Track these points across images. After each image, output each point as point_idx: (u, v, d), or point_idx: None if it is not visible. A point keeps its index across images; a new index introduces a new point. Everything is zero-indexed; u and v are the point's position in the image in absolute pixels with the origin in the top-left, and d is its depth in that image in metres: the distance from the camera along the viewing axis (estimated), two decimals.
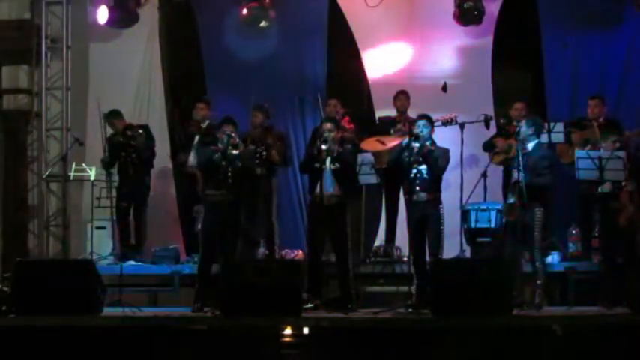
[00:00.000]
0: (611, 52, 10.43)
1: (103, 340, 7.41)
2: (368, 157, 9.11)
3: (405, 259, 9.12)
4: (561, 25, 10.53)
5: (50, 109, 11.02)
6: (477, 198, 9.32)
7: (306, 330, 7.41)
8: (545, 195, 8.39)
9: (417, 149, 8.32)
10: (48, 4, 11.01)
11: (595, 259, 9.06)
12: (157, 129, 10.58)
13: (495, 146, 9.60)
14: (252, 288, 7.59)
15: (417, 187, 8.35)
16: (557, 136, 9.35)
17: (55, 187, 10.88)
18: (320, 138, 8.60)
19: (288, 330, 7.41)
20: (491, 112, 10.05)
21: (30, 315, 7.68)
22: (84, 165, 10.11)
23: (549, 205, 8.53)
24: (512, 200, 8.33)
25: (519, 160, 8.19)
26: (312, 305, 8.32)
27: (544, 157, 8.40)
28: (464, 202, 9.25)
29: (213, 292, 8.16)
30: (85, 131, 10.79)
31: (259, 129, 9.63)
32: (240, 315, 7.59)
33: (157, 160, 10.30)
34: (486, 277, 7.51)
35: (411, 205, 8.45)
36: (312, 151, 8.83)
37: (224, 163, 8.45)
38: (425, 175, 8.35)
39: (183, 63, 11.38)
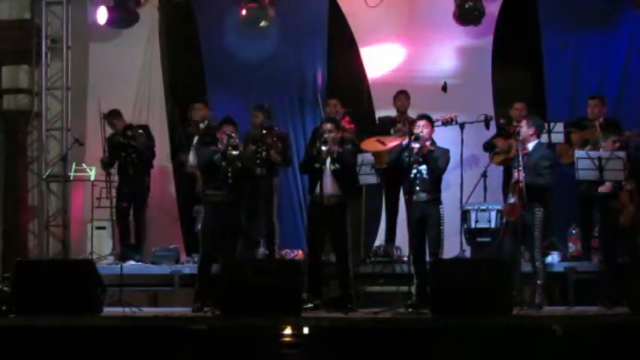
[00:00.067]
0: (611, 52, 10.43)
1: (103, 340, 7.41)
2: (368, 157, 9.11)
3: (405, 259, 9.11)
4: (561, 25, 10.53)
5: (50, 109, 11.01)
6: (477, 198, 9.33)
7: (306, 330, 7.40)
8: (546, 195, 8.39)
9: (417, 149, 8.32)
10: (48, 4, 10.99)
11: (595, 259, 9.06)
12: (157, 129, 10.59)
13: (495, 146, 9.60)
14: (252, 288, 7.58)
15: (417, 187, 8.34)
16: (557, 136, 9.36)
17: (55, 187, 10.87)
18: (320, 139, 8.59)
19: (288, 330, 7.40)
20: (491, 112, 10.06)
21: (30, 315, 7.67)
22: (84, 165, 10.12)
23: (549, 205, 8.52)
24: (512, 200, 8.33)
25: (519, 160, 8.19)
26: (312, 305, 8.32)
27: (544, 157, 8.40)
28: (464, 202, 9.27)
29: (213, 292, 8.16)
30: (85, 131, 10.79)
31: (259, 129, 9.63)
32: (240, 315, 7.58)
33: (157, 160, 10.31)
34: (486, 277, 7.50)
35: (411, 205, 8.44)
36: (312, 152, 8.82)
37: (224, 163, 8.45)
38: (425, 175, 8.35)
39: (183, 63, 11.38)
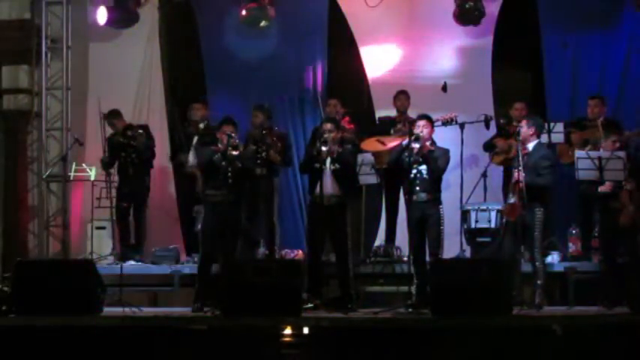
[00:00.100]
0: (611, 52, 10.43)
1: (103, 340, 7.40)
2: (368, 157, 9.11)
3: (405, 259, 9.11)
4: (561, 25, 10.53)
5: (50, 109, 11.01)
6: (477, 198, 9.33)
7: (306, 330, 7.40)
8: (546, 195, 8.39)
9: (417, 149, 8.32)
10: (48, 4, 10.99)
11: (595, 259, 9.06)
12: (157, 129, 10.59)
13: (495, 146, 9.60)
14: (252, 288, 7.58)
15: (417, 187, 8.34)
16: (557, 136, 9.36)
17: (55, 187, 10.86)
18: (320, 139, 8.58)
19: (288, 330, 7.40)
20: (491, 112, 10.05)
21: (30, 315, 7.67)
22: (84, 165, 10.11)
23: (549, 205, 8.52)
24: (512, 200, 8.33)
25: (519, 160, 8.19)
26: (312, 305, 8.32)
27: (544, 157, 8.40)
28: (464, 202, 9.27)
29: (213, 292, 8.16)
30: (85, 131, 10.79)
31: (260, 129, 9.63)
32: (240, 315, 7.58)
33: (157, 160, 10.31)
34: (486, 277, 7.49)
35: (411, 205, 8.44)
36: (312, 152, 8.81)
37: (224, 163, 8.45)
38: (425, 175, 8.34)
39: (183, 63, 11.38)
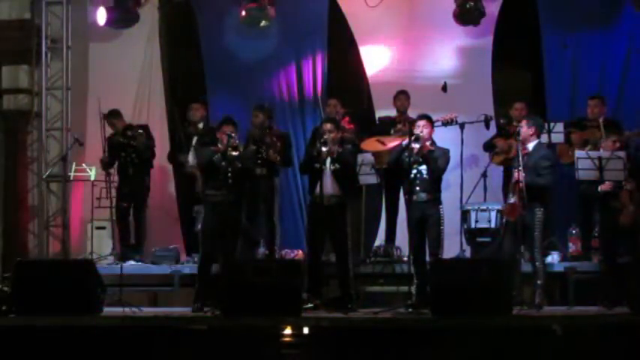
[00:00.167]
0: (611, 52, 10.43)
1: (103, 340, 7.40)
2: (368, 157, 9.11)
3: (405, 259, 9.11)
4: (561, 25, 10.53)
5: (50, 109, 11.01)
6: (477, 198, 9.33)
7: (306, 330, 7.40)
8: (546, 195, 8.39)
9: (417, 149, 8.32)
10: (48, 4, 10.99)
11: (595, 259, 9.06)
12: (157, 129, 10.59)
13: (495, 146, 9.60)
14: (252, 288, 7.58)
15: (417, 187, 8.34)
16: (557, 136, 9.35)
17: (55, 187, 10.86)
18: (320, 139, 8.58)
19: (288, 330, 7.40)
20: (491, 112, 10.05)
21: (30, 315, 7.67)
22: (84, 165, 10.11)
23: (549, 205, 8.52)
24: (512, 200, 8.33)
25: (519, 160, 8.19)
26: (312, 305, 8.31)
27: (544, 157, 8.40)
28: (464, 202, 9.26)
29: (213, 292, 8.15)
30: (85, 131, 10.78)
31: (260, 129, 9.63)
32: (240, 315, 7.58)
33: (157, 160, 10.30)
34: (486, 277, 7.49)
35: (411, 205, 8.44)
36: (312, 152, 8.81)
37: (224, 163, 8.45)
38: (425, 175, 8.34)
39: (183, 63, 11.39)
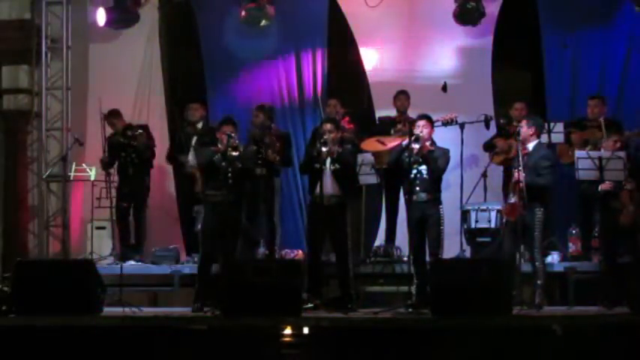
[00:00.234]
0: (611, 51, 10.43)
1: (103, 340, 7.40)
2: (368, 157, 9.11)
3: (405, 259, 9.11)
4: (561, 25, 10.53)
5: (50, 109, 11.00)
6: (477, 198, 9.33)
7: (306, 330, 7.40)
8: (546, 195, 8.38)
9: (417, 149, 8.32)
10: (48, 4, 10.98)
11: (595, 259, 9.06)
12: (157, 129, 10.59)
13: (495, 146, 9.60)
14: (252, 288, 7.57)
15: (417, 187, 8.34)
16: (557, 136, 9.36)
17: (55, 187, 10.86)
18: (320, 140, 8.58)
19: (288, 330, 7.40)
20: (491, 112, 10.05)
21: (30, 315, 7.67)
22: (84, 165, 10.12)
23: (549, 205, 8.52)
24: (512, 200, 8.33)
25: (519, 160, 8.19)
26: (312, 305, 8.31)
27: (544, 157, 8.39)
28: (464, 202, 9.26)
29: (213, 292, 8.15)
30: (85, 131, 10.79)
31: (259, 129, 9.63)
32: (240, 315, 7.58)
33: (157, 160, 10.31)
34: (486, 277, 7.49)
35: (411, 205, 8.43)
36: (312, 152, 8.81)
37: (224, 163, 8.44)
38: (425, 175, 8.34)
39: (183, 63, 11.39)
